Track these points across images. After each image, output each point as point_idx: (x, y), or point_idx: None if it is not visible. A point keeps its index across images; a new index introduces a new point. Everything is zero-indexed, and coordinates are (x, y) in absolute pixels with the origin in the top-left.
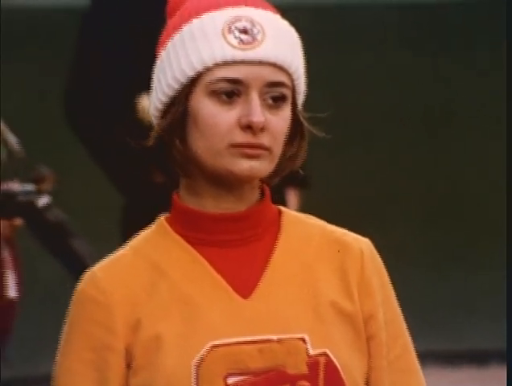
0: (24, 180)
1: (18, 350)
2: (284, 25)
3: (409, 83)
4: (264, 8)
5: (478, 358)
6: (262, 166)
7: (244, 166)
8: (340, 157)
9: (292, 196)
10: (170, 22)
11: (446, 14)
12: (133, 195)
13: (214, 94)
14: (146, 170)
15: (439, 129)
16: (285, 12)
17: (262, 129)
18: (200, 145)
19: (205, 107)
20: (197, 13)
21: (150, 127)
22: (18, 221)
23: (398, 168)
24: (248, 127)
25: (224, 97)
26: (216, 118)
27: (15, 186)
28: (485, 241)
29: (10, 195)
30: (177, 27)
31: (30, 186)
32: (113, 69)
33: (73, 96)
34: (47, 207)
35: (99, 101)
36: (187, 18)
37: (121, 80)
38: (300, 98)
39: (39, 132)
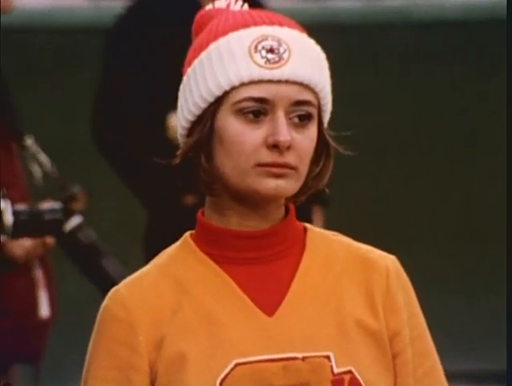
0: (57, 200)
1: (46, 368)
2: (310, 44)
3: (426, 99)
4: (290, 27)
5: (503, 378)
6: (288, 185)
7: (270, 185)
8: (361, 174)
9: (316, 215)
10: (196, 40)
11: (463, 30)
12: (160, 215)
13: (240, 113)
14: (175, 191)
15: (457, 145)
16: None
17: (289, 148)
18: (226, 164)
19: (231, 126)
20: (224, 32)
21: (179, 146)
22: (50, 240)
23: (421, 185)
24: (274, 146)
25: (250, 116)
26: (242, 137)
27: (42, 204)
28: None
29: (36, 214)
30: (204, 46)
31: (57, 205)
32: (140, 88)
33: (100, 115)
34: (79, 226)
35: (127, 121)
36: (213, 37)
37: (149, 99)
38: (326, 117)
39: (65, 151)
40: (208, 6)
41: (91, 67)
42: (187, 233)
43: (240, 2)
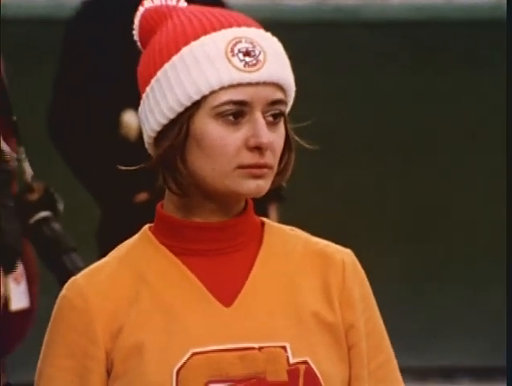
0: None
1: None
2: (276, 42)
3: (377, 97)
4: (256, 27)
5: (449, 374)
6: (266, 184)
7: (251, 186)
8: (312, 171)
9: (271, 211)
10: (157, 41)
11: (435, 31)
12: (112, 212)
13: (220, 116)
14: (127, 188)
15: (410, 143)
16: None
17: (267, 149)
18: (204, 167)
19: (212, 129)
20: (195, 35)
21: (134, 143)
22: None
23: (373, 183)
24: (256, 148)
25: (230, 119)
26: (223, 140)
27: None
28: (462, 256)
29: None
30: (173, 50)
31: None
32: (97, 84)
33: (56, 110)
34: (45, 219)
35: (82, 116)
36: (184, 41)
37: (105, 95)
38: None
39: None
40: (148, 3)
41: (52, 59)
42: (146, 226)
43: None
